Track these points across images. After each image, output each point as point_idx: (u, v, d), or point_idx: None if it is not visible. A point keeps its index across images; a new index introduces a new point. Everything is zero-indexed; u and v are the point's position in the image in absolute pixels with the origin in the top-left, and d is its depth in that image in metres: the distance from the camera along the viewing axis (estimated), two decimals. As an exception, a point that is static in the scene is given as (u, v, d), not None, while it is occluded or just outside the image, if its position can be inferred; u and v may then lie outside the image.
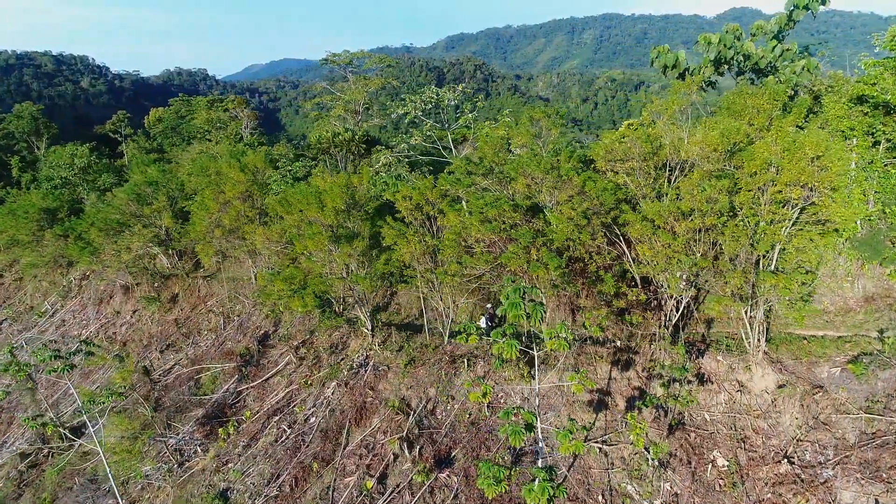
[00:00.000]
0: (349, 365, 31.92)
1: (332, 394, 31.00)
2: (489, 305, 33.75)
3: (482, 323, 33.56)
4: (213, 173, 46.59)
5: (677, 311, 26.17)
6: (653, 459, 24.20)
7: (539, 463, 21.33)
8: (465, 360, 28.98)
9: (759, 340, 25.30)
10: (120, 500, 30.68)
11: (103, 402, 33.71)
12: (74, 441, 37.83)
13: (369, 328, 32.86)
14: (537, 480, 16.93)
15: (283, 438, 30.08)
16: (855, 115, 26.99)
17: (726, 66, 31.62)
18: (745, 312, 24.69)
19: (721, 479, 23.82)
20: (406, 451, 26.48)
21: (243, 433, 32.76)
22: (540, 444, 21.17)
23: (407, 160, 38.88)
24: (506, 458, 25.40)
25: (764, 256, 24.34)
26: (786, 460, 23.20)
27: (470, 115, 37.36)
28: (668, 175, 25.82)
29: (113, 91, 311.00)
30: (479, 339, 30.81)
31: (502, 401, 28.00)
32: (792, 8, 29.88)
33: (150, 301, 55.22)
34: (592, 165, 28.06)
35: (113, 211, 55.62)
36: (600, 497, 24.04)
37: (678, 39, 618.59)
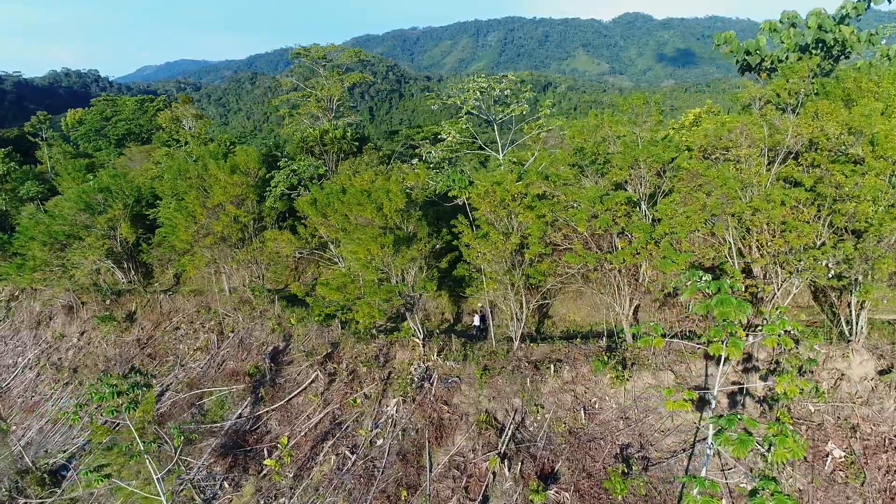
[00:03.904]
0: (408, 379, 29.09)
1: (396, 412, 28.09)
2: (480, 306, 33.29)
3: (476, 322, 33.44)
4: (194, 176, 41.88)
5: (783, 302, 25.56)
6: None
7: (703, 472, 19.84)
8: (552, 366, 27.00)
9: (861, 327, 25.10)
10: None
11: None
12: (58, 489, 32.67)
13: (421, 337, 30.20)
14: (764, 491, 15.31)
15: (348, 465, 26.87)
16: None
17: (810, 52, 31.58)
18: (852, 298, 24.34)
19: (840, 470, 23.32)
20: (506, 469, 24.24)
21: (285, 462, 29.22)
22: (708, 446, 19.73)
23: (449, 156, 36.37)
24: (619, 468, 23.77)
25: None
26: (907, 447, 23.03)
27: (526, 107, 35.31)
28: (769, 163, 25.09)
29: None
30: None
31: (595, 405, 26.36)
32: (871, -8, 30.29)
33: (105, 320, 49.37)
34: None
35: (58, 222, 49.55)
36: (723, 501, 22.90)
37: (577, 42, 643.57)
